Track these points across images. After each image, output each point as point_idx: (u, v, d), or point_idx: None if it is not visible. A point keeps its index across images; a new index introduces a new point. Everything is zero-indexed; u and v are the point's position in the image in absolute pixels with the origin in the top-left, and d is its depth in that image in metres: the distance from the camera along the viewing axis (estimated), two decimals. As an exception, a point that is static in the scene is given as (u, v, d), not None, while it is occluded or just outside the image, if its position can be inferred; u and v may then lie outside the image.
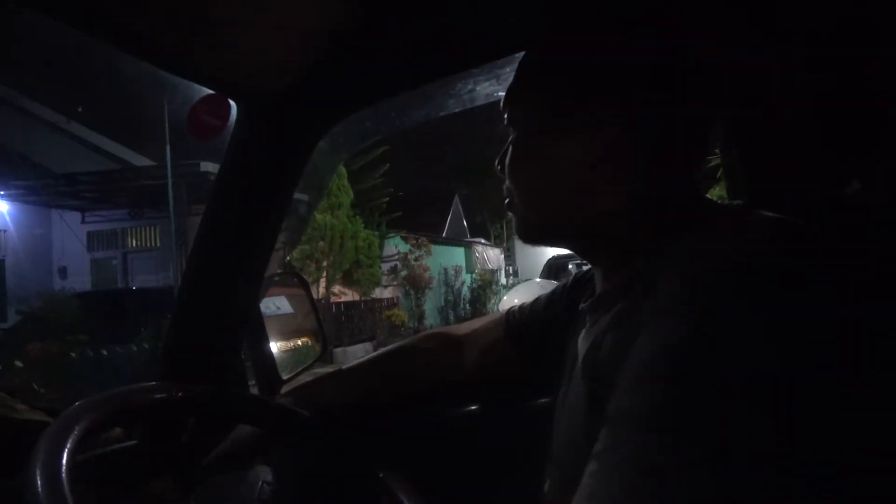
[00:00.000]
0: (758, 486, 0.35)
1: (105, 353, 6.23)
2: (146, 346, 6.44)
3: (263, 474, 0.84)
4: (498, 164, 0.66)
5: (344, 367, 1.01)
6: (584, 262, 0.68)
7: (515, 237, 0.65)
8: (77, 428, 0.59)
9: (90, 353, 6.20)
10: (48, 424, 0.60)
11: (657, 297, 0.45)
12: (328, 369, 1.17)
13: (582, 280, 0.81)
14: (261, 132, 0.94)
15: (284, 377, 1.08)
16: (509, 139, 0.65)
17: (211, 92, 0.87)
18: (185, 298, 0.97)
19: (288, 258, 10.43)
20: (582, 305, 0.65)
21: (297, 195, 1.01)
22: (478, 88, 0.91)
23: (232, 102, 0.89)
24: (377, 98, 0.94)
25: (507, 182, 0.65)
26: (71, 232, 12.42)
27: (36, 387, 5.66)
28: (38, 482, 0.51)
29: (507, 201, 0.66)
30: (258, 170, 0.94)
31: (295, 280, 1.24)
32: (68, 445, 0.57)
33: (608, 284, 0.61)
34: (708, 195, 0.60)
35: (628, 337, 0.45)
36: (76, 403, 0.63)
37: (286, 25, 0.80)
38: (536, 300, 0.90)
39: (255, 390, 1.06)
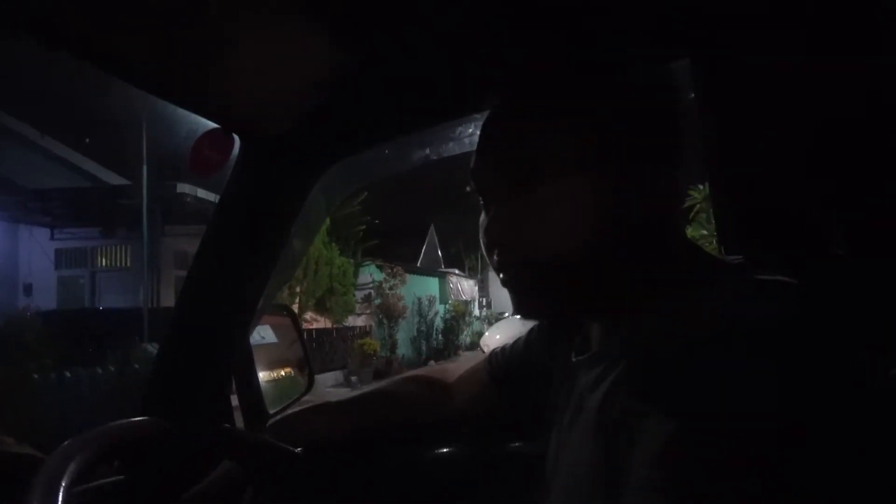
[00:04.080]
0: None
1: (69, 375, 6.04)
2: (113, 370, 6.28)
3: (249, 511, 0.83)
4: (486, 237, 0.59)
5: (332, 401, 1.01)
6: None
7: (490, 269, 0.60)
8: (73, 464, 0.59)
9: (54, 377, 6.00)
10: (37, 458, 0.59)
11: (669, 363, 0.46)
12: (308, 397, 1.16)
13: (559, 322, 0.80)
14: (261, 169, 0.96)
15: (271, 411, 1.07)
16: (488, 209, 0.60)
17: (213, 125, 0.88)
18: (177, 330, 0.97)
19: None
20: (578, 358, 0.63)
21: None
22: (479, 132, 0.92)
23: (235, 136, 0.91)
24: (377, 141, 0.96)
25: (498, 255, 0.58)
26: (39, 248, 12.16)
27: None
28: None
29: (502, 277, 0.59)
30: (257, 206, 0.96)
31: (284, 312, 1.24)
32: (64, 482, 0.56)
33: (610, 340, 0.60)
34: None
35: (646, 404, 0.45)
36: (69, 440, 0.63)
37: (291, 71, 0.82)
38: (516, 342, 0.90)
39: (240, 421, 1.05)
